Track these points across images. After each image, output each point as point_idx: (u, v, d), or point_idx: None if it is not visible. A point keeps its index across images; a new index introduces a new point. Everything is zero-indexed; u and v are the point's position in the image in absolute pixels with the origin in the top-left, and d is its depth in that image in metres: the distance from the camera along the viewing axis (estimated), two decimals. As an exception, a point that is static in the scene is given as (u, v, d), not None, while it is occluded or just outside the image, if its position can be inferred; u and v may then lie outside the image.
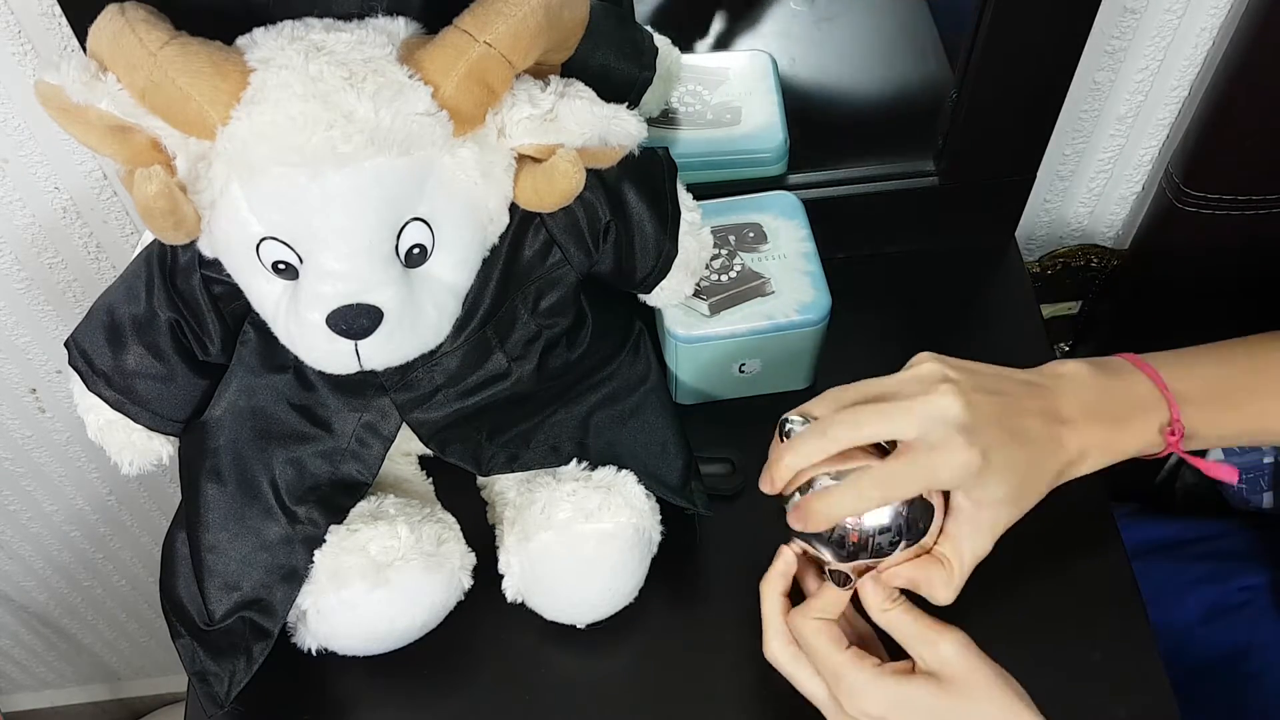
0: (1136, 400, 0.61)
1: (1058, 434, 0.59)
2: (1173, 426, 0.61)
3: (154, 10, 0.53)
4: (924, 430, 0.55)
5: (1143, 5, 0.78)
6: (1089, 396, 0.60)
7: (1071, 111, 0.86)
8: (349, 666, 0.67)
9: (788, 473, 0.57)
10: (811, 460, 0.56)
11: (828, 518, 0.56)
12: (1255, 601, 0.88)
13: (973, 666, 0.56)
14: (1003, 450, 0.56)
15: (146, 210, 0.53)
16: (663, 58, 0.73)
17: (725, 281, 0.74)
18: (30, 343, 0.93)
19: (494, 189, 0.58)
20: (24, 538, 1.17)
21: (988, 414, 0.56)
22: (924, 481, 0.56)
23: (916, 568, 0.59)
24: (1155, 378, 0.62)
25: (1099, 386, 0.61)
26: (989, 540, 0.59)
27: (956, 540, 0.58)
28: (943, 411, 0.55)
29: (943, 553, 0.59)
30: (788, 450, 0.56)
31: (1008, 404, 0.57)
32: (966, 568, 0.59)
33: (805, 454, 0.56)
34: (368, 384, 0.64)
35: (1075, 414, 0.60)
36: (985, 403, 0.56)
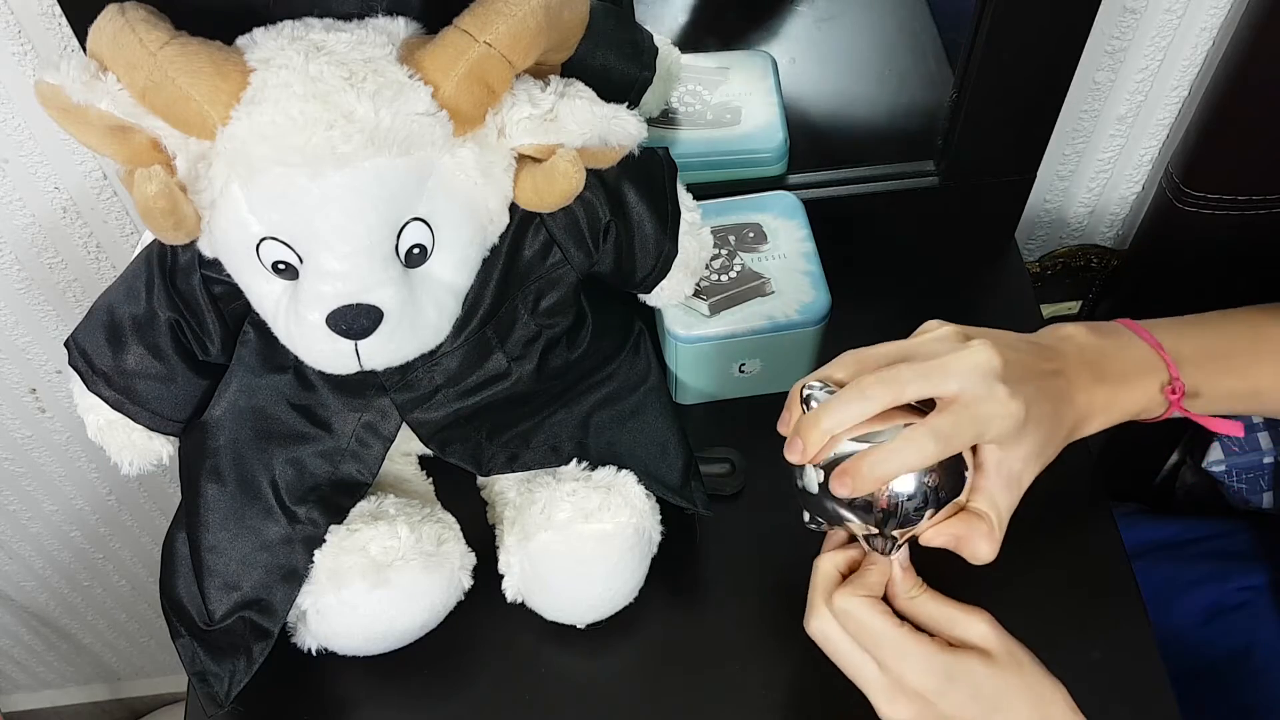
0: (1135, 361, 0.62)
1: (1071, 392, 0.59)
2: (1173, 385, 0.62)
3: (154, 10, 0.53)
4: (966, 384, 0.53)
5: (1143, 5, 0.78)
6: (1090, 357, 0.61)
7: (1071, 111, 0.86)
8: (349, 666, 0.67)
9: (823, 438, 0.54)
10: (850, 424, 0.54)
11: (880, 477, 0.54)
12: (1255, 601, 0.88)
13: (1012, 642, 0.56)
14: (1036, 404, 0.55)
15: (146, 210, 0.53)
16: (663, 58, 0.73)
17: (725, 281, 0.74)
18: (30, 343, 0.93)
19: (494, 189, 0.58)
20: (24, 538, 1.17)
21: (1019, 369, 0.56)
22: (976, 434, 0.54)
23: (958, 525, 0.57)
24: (1152, 341, 0.63)
25: (1099, 348, 0.61)
26: (1018, 494, 0.58)
27: (991, 494, 0.57)
28: (983, 365, 0.54)
29: (980, 508, 0.57)
30: (824, 414, 0.54)
31: (1029, 362, 0.57)
32: (1004, 523, 0.57)
33: (844, 417, 0.54)
34: (368, 384, 0.64)
35: (1080, 374, 0.60)
36: (1014, 359, 0.56)
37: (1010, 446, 0.56)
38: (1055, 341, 0.61)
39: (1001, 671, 0.55)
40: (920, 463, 0.53)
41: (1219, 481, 0.95)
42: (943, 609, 0.57)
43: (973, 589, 0.65)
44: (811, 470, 0.56)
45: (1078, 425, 0.60)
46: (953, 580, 0.70)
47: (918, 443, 0.53)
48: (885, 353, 0.56)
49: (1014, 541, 0.68)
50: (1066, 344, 0.61)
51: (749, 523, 0.72)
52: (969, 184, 0.81)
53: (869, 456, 0.53)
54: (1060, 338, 0.62)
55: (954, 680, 0.55)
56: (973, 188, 0.82)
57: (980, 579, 0.69)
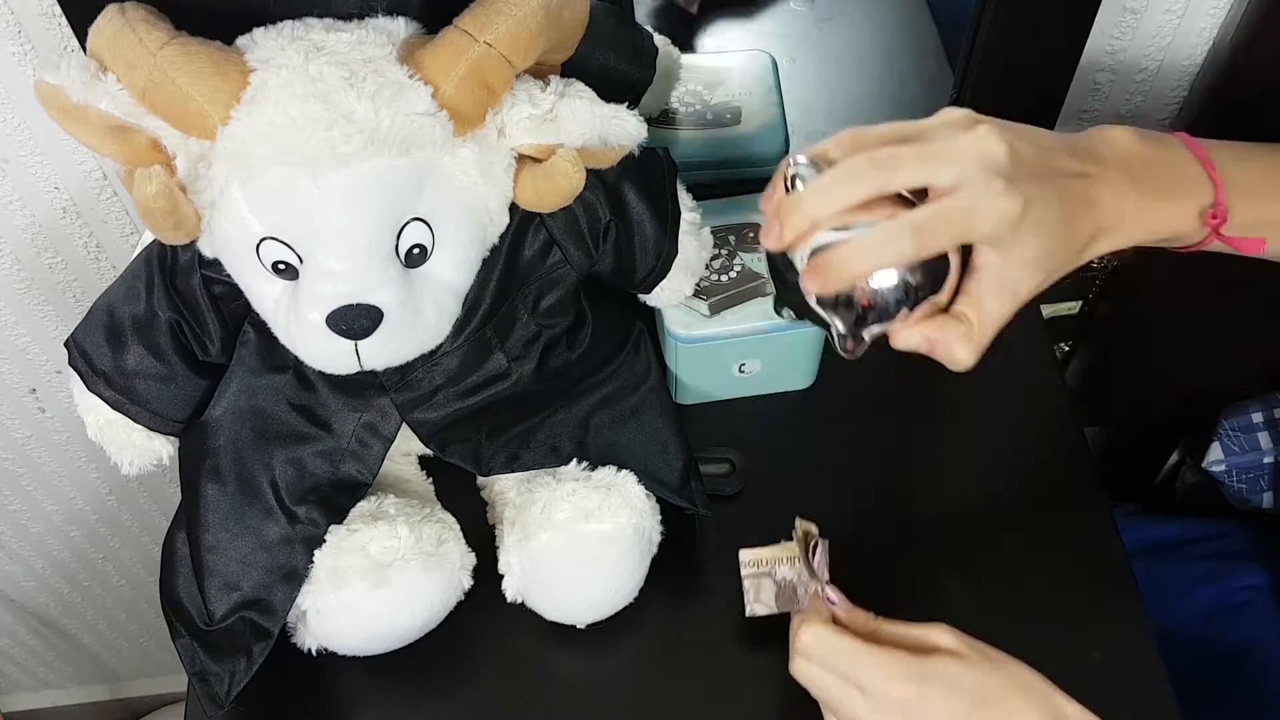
0: (1181, 176, 0.56)
1: (1096, 195, 0.53)
2: (1215, 210, 0.56)
3: (154, 10, 0.53)
4: (964, 174, 0.49)
5: (1143, 5, 0.78)
6: (1131, 162, 0.55)
7: (1071, 111, 0.86)
8: (349, 666, 0.67)
9: (804, 222, 0.50)
10: (837, 207, 0.49)
11: (853, 273, 0.49)
12: (1255, 601, 0.88)
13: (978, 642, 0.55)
14: (1041, 203, 0.50)
15: (146, 210, 0.53)
16: (663, 58, 0.73)
17: (725, 281, 0.74)
18: (30, 343, 0.93)
19: (494, 189, 0.58)
20: (24, 538, 1.17)
21: (1029, 163, 0.51)
22: (962, 231, 0.50)
23: (933, 326, 0.53)
24: (1204, 159, 0.57)
25: (1144, 155, 0.56)
26: (1012, 304, 0.53)
27: (978, 298, 0.52)
28: (985, 154, 0.49)
29: (962, 310, 0.53)
30: (807, 196, 0.49)
31: (1046, 158, 0.52)
32: (988, 329, 0.53)
33: (827, 200, 0.49)
34: (368, 384, 0.64)
35: (1116, 177, 0.54)
36: (1026, 151, 0.51)
37: (1006, 249, 0.51)
38: (1095, 143, 0.55)
39: (975, 666, 0.55)
40: (896, 261, 0.49)
41: (1219, 481, 0.95)
42: (902, 628, 0.57)
43: (973, 589, 0.65)
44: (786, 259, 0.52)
45: (1100, 233, 0.54)
46: (952, 572, 0.70)
47: (894, 239, 0.48)
48: (885, 132, 0.51)
49: (1015, 542, 0.68)
50: (1107, 147, 0.55)
51: (749, 523, 0.72)
52: (969, 184, 0.81)
53: (839, 251, 0.49)
54: (1103, 140, 0.56)
55: (929, 680, 0.54)
56: (973, 188, 0.82)
57: (980, 579, 0.70)
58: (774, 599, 0.65)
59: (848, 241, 0.49)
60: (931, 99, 0.82)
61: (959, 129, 0.50)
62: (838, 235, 0.49)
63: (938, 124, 0.51)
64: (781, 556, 0.66)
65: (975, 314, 0.52)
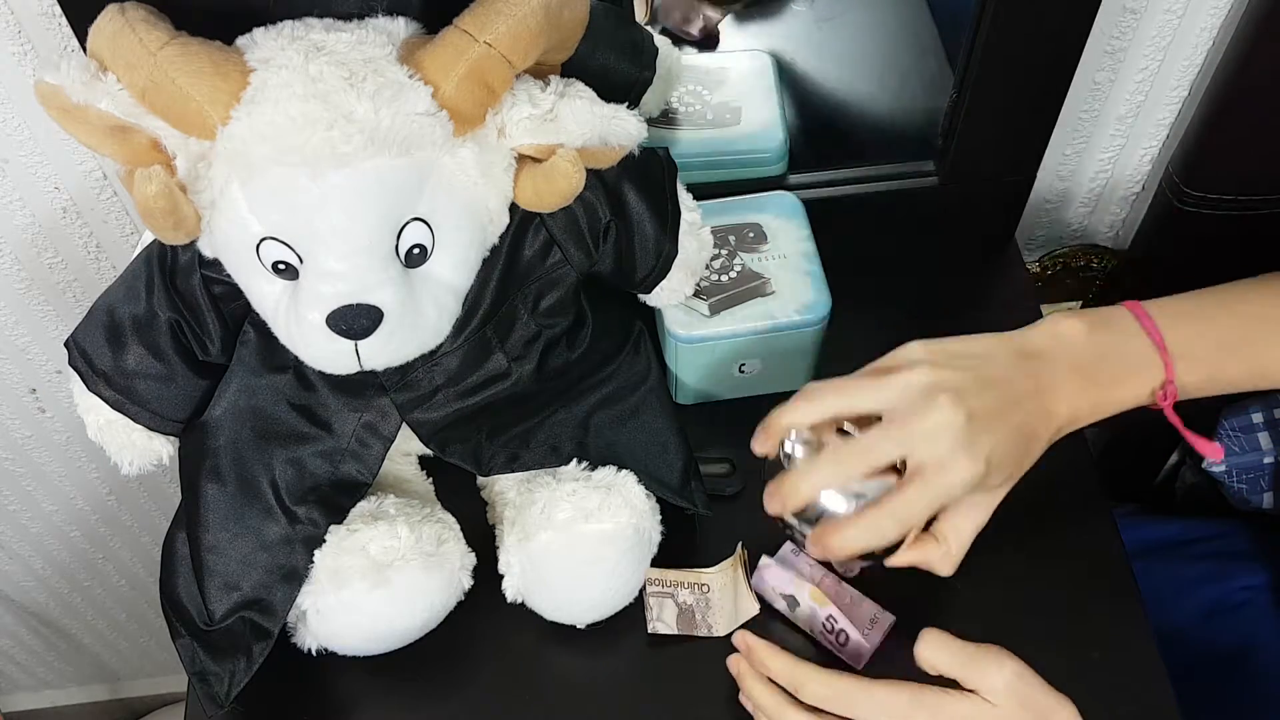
0: (1131, 361, 0.62)
1: (1052, 406, 0.60)
2: (1165, 389, 0.62)
3: (154, 10, 0.53)
4: (933, 452, 0.56)
5: (1143, 5, 0.78)
6: (1082, 360, 0.61)
7: (1071, 111, 0.86)
8: (349, 666, 0.67)
9: (802, 500, 0.58)
10: (827, 488, 0.58)
11: (850, 551, 0.58)
12: (1255, 601, 0.88)
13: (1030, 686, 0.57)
14: (1002, 448, 0.57)
15: (146, 210, 0.53)
16: (663, 58, 0.73)
17: (725, 281, 0.74)
18: (30, 343, 0.93)
19: (494, 189, 0.58)
20: (24, 538, 1.17)
21: (987, 414, 0.57)
22: (936, 503, 0.57)
23: (915, 551, 0.60)
24: (1155, 336, 0.62)
25: (1093, 347, 0.61)
26: (986, 513, 0.61)
27: (955, 519, 0.60)
28: (948, 429, 0.56)
29: (941, 532, 0.60)
30: (802, 478, 0.58)
31: (1002, 395, 0.58)
32: (965, 543, 0.61)
33: (820, 482, 0.58)
34: (368, 384, 0.64)
35: (1069, 380, 0.60)
36: (982, 403, 0.57)
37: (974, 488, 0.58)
38: (1046, 344, 0.61)
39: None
40: (884, 541, 0.58)
41: (1219, 481, 0.95)
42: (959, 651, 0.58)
43: (973, 589, 0.65)
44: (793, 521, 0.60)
45: (1061, 429, 0.61)
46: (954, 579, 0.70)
47: (883, 524, 0.57)
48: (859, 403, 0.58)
49: (1015, 542, 0.68)
50: (1059, 344, 0.61)
51: (749, 523, 0.72)
52: (969, 184, 0.81)
53: (838, 534, 0.57)
54: (1054, 336, 0.61)
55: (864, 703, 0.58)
56: (973, 188, 0.82)
57: (980, 579, 0.70)
58: (675, 620, 0.67)
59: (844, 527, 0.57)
60: (931, 99, 0.82)
61: (923, 403, 0.56)
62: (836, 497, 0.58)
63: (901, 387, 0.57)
64: (684, 580, 0.68)
65: (953, 536, 0.60)
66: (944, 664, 0.56)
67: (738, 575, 0.69)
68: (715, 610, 0.68)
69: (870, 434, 0.57)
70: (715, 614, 0.68)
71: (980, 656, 0.56)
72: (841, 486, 0.58)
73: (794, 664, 0.60)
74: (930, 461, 0.56)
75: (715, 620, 0.68)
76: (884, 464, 0.57)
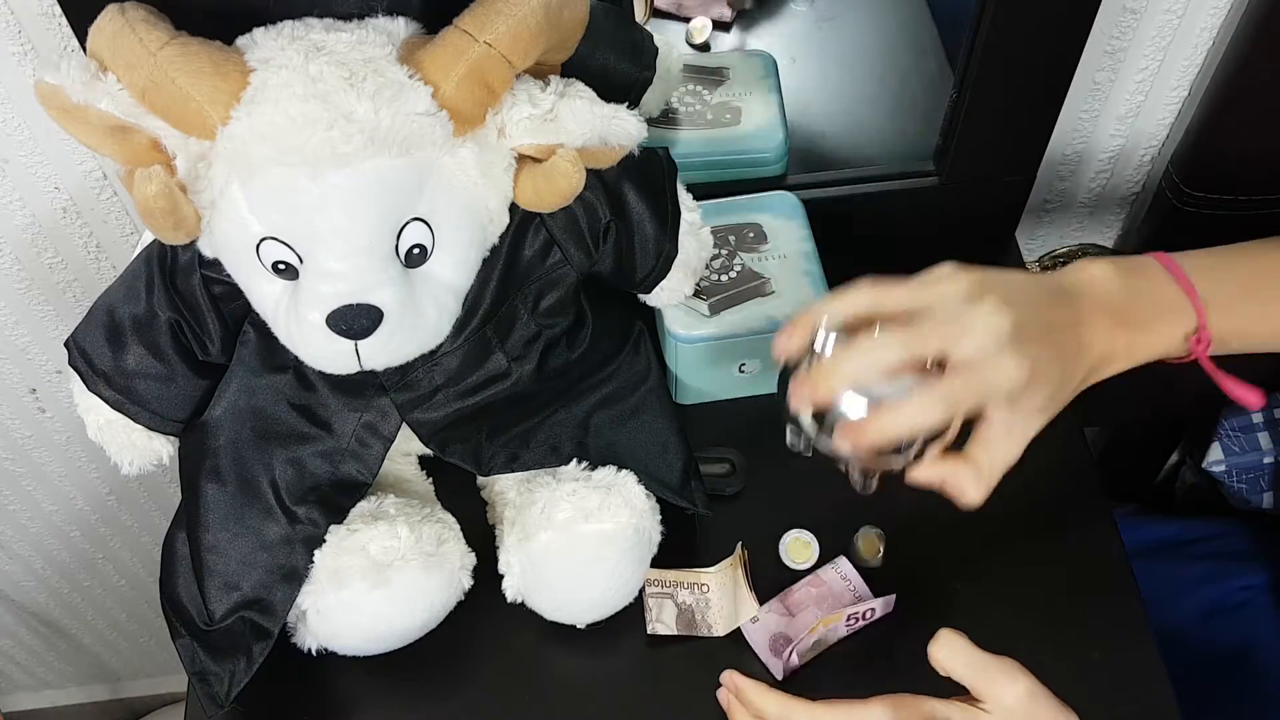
0: (1162, 304, 0.61)
1: (1085, 341, 0.59)
2: (1199, 334, 0.60)
3: (154, 10, 0.53)
4: (980, 347, 0.54)
5: (1143, 5, 0.78)
6: (1114, 300, 0.60)
7: (1071, 111, 0.86)
8: (349, 666, 0.67)
9: (838, 385, 0.55)
10: (870, 372, 0.55)
11: (891, 437, 0.55)
12: (1255, 601, 0.88)
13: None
14: (1044, 362, 0.56)
15: (146, 210, 0.53)
16: (663, 58, 0.73)
17: (725, 281, 0.74)
18: (30, 343, 0.93)
19: (494, 189, 0.58)
20: (24, 538, 1.17)
21: (1031, 327, 0.56)
22: (981, 398, 0.55)
23: (947, 467, 0.59)
24: (1184, 283, 0.61)
25: (1125, 289, 0.60)
26: (1019, 447, 0.59)
27: (990, 444, 0.58)
28: (996, 328, 0.54)
29: (974, 454, 0.59)
30: (843, 363, 0.55)
31: (1042, 315, 0.57)
32: (997, 472, 0.59)
33: (863, 365, 0.55)
34: (368, 384, 0.64)
35: (1100, 318, 0.59)
36: (1026, 315, 0.56)
37: (1014, 403, 0.57)
38: (1078, 283, 0.60)
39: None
40: (926, 425, 0.55)
41: (1219, 481, 0.95)
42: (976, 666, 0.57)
43: (973, 589, 0.65)
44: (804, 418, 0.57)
45: (1094, 370, 0.60)
46: (952, 571, 0.70)
47: (927, 407, 0.54)
48: (902, 300, 0.56)
49: (1014, 542, 0.68)
50: (1090, 286, 0.60)
51: (749, 523, 0.72)
52: (969, 184, 0.81)
53: (878, 420, 0.54)
54: (1086, 278, 0.60)
55: None
56: (973, 188, 0.82)
57: (980, 579, 0.70)
58: (674, 621, 0.67)
59: (888, 410, 0.54)
60: (931, 99, 0.82)
61: (969, 301, 0.55)
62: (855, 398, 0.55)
63: (945, 295, 0.56)
64: (684, 580, 0.68)
65: (986, 457, 0.58)
66: (958, 669, 0.55)
67: (737, 575, 0.69)
68: (715, 610, 0.68)
69: (914, 326, 0.55)
70: (715, 614, 0.68)
71: (995, 669, 0.55)
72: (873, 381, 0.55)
73: (781, 700, 0.59)
74: (976, 357, 0.54)
75: (715, 620, 0.68)
76: (926, 355, 0.54)
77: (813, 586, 0.69)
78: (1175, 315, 0.61)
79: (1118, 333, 0.59)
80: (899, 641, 0.66)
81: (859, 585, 0.69)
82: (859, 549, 0.70)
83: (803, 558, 0.70)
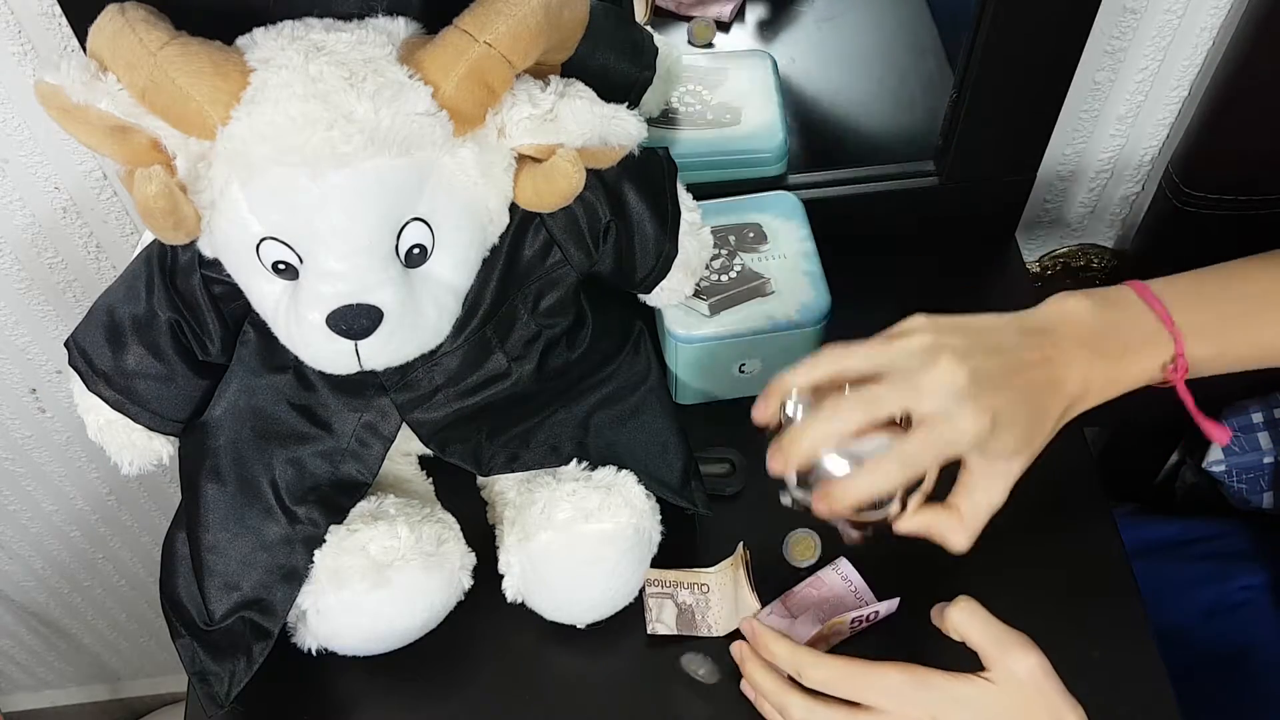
0: (1139, 335, 0.61)
1: (1059, 378, 0.59)
2: (1175, 363, 0.61)
3: (154, 10, 0.53)
4: (937, 405, 0.55)
5: (1143, 5, 0.78)
6: (1090, 333, 0.60)
7: (1071, 111, 0.86)
8: (349, 666, 0.67)
9: (805, 452, 0.57)
10: (828, 443, 0.57)
11: (855, 501, 0.57)
12: (1255, 601, 0.88)
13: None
14: (1009, 407, 0.57)
15: (146, 210, 0.53)
16: (663, 58, 0.73)
17: (725, 281, 0.74)
18: (30, 343, 0.93)
19: (494, 189, 0.58)
20: (24, 538, 1.17)
21: (991, 375, 0.56)
22: (941, 454, 0.56)
23: (929, 517, 0.60)
24: (1161, 312, 0.61)
25: (1100, 322, 0.61)
26: (1003, 489, 0.60)
27: (970, 490, 0.60)
28: (948, 383, 0.55)
29: (955, 502, 0.60)
30: (804, 431, 0.57)
31: (1007, 361, 0.58)
32: (980, 516, 0.60)
33: (822, 434, 0.57)
34: (368, 384, 0.64)
35: (1076, 352, 0.60)
36: (986, 364, 0.57)
37: (985, 451, 0.58)
38: (1051, 318, 0.61)
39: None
40: (890, 487, 0.57)
41: (1219, 481, 0.95)
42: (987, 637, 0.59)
43: (973, 588, 0.65)
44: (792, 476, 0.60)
45: (1072, 405, 0.60)
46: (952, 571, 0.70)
47: (888, 471, 0.56)
48: (862, 363, 0.58)
49: (1015, 542, 0.68)
50: (1064, 321, 0.61)
51: (749, 523, 0.72)
52: (969, 184, 0.81)
53: (844, 484, 0.57)
54: (1060, 313, 0.61)
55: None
56: (973, 188, 0.82)
57: (980, 579, 0.69)
58: (674, 621, 0.67)
59: (852, 476, 0.57)
60: (931, 99, 0.82)
61: (925, 357, 0.56)
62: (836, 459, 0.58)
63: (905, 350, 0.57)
64: (684, 580, 0.68)
65: (968, 504, 0.60)
66: (974, 635, 0.57)
67: (738, 575, 0.69)
68: (715, 610, 0.68)
69: (873, 387, 0.56)
70: (715, 614, 0.68)
71: (1008, 639, 0.57)
72: (842, 443, 0.57)
73: (795, 649, 0.60)
74: (934, 413, 0.55)
75: (715, 620, 0.68)
76: (886, 416, 0.56)
77: (814, 588, 0.69)
78: (1152, 345, 0.61)
79: (1095, 365, 0.60)
80: (899, 641, 0.66)
81: (860, 586, 0.69)
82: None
83: (806, 556, 0.70)
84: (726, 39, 0.89)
